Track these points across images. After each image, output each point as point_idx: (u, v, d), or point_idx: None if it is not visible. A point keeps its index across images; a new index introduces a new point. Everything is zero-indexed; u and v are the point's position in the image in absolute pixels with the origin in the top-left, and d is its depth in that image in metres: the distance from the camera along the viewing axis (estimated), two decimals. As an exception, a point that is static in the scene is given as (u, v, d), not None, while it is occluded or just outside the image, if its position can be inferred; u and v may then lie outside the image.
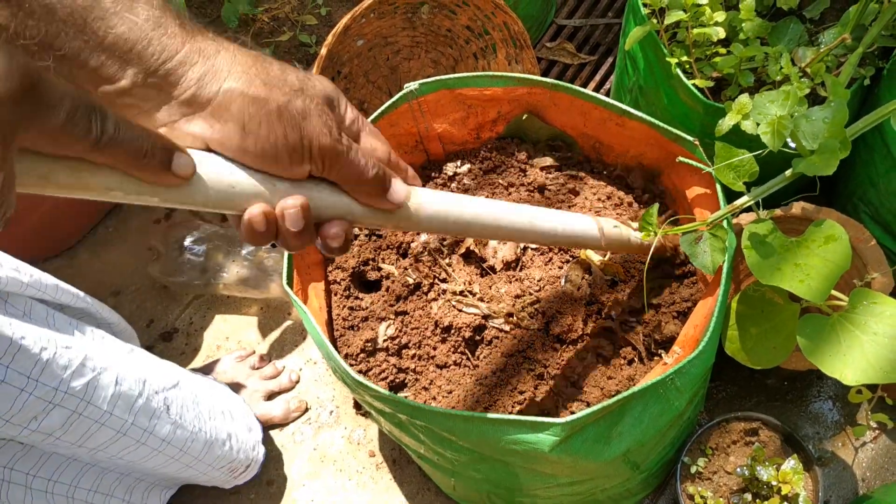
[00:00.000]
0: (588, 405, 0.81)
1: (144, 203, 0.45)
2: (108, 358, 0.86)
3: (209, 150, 0.47)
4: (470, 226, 0.61)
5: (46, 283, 0.89)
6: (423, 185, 0.99)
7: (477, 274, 0.91)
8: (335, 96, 0.52)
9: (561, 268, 0.90)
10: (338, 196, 0.52)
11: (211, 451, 1.02)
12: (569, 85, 0.88)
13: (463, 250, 0.92)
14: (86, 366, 0.82)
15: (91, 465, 0.95)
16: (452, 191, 0.99)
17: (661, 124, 0.83)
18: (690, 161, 0.79)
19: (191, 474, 1.04)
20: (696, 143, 0.81)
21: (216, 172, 0.46)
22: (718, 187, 0.78)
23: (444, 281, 0.91)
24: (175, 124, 0.46)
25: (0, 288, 0.79)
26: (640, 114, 0.84)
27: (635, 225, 0.81)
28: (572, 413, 0.81)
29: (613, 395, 0.81)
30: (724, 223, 0.77)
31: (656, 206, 0.78)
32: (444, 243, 0.93)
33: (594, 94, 0.86)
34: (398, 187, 0.54)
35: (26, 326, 0.76)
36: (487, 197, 0.96)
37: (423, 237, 0.94)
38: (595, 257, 0.84)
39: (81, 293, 0.98)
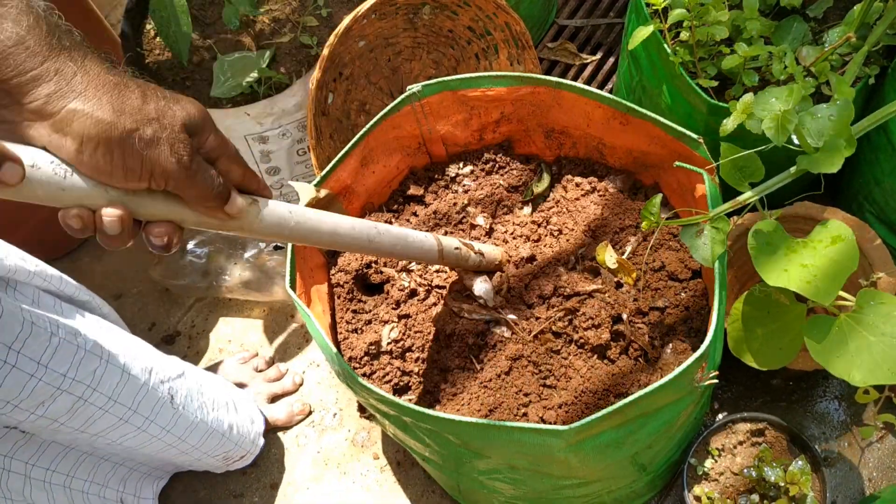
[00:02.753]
0: (595, 408, 0.81)
1: None
2: (115, 346, 0.88)
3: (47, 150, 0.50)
4: (308, 236, 0.66)
5: (51, 273, 0.90)
6: (423, 188, 0.99)
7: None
8: (199, 124, 0.55)
9: (569, 269, 0.89)
10: (171, 204, 0.55)
11: (210, 441, 1.03)
12: (573, 83, 0.87)
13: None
14: (94, 353, 0.83)
15: (87, 455, 0.97)
16: (455, 192, 0.98)
17: (665, 121, 0.82)
18: (686, 166, 0.78)
19: (185, 460, 1.06)
20: (701, 140, 0.81)
21: (48, 176, 0.49)
22: (707, 183, 0.77)
23: (441, 287, 0.90)
24: (19, 124, 0.49)
25: (9, 276, 0.80)
26: (644, 111, 0.84)
27: (479, 247, 0.86)
28: (579, 416, 0.81)
29: (621, 397, 0.81)
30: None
31: (659, 196, 0.78)
32: None
33: (598, 91, 0.86)
34: (236, 199, 0.58)
35: (37, 313, 0.78)
36: (489, 200, 0.96)
37: None
38: (608, 261, 0.83)
39: (83, 287, 0.99)
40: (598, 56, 1.48)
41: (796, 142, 0.75)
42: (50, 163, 0.49)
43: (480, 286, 0.87)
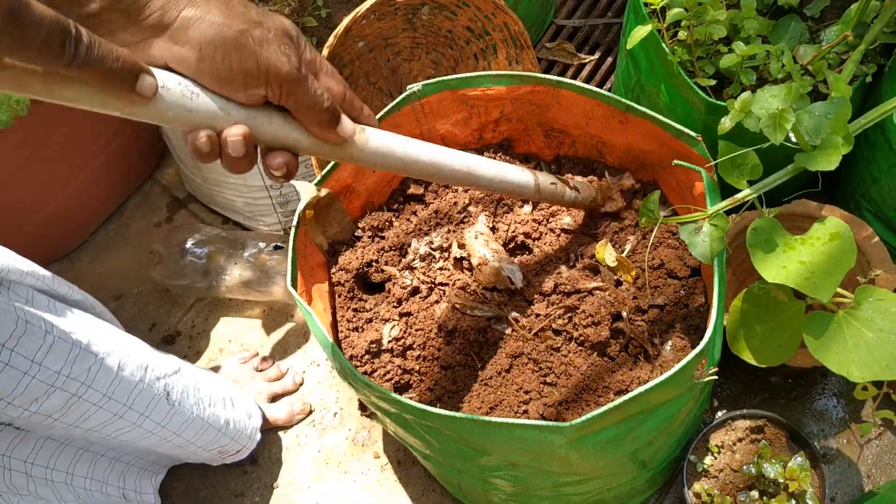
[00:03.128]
0: (595, 405, 0.81)
1: (108, 112, 0.49)
2: (110, 344, 0.88)
3: (170, 69, 0.52)
4: (411, 164, 0.68)
5: (43, 273, 0.91)
6: (423, 187, 0.99)
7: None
8: (296, 34, 0.56)
9: (569, 267, 0.90)
10: (289, 126, 0.57)
11: (206, 436, 1.04)
12: (572, 82, 0.88)
13: (452, 259, 0.93)
14: (88, 351, 0.84)
15: (83, 451, 0.97)
16: (455, 191, 0.98)
17: (664, 119, 0.83)
18: (685, 164, 0.79)
19: (181, 454, 1.06)
20: (699, 138, 0.81)
21: (177, 95, 0.51)
22: (705, 181, 0.78)
23: (442, 285, 0.91)
24: (139, 45, 0.50)
25: (2, 276, 0.81)
26: (643, 109, 0.84)
27: (575, 182, 0.87)
28: (579, 413, 0.81)
29: (621, 394, 0.81)
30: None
31: (657, 193, 0.79)
32: (434, 247, 0.93)
33: (597, 89, 0.86)
34: (347, 123, 0.59)
35: (31, 312, 0.78)
36: (489, 199, 0.96)
37: (414, 244, 0.94)
38: (608, 259, 0.84)
39: (75, 286, 0.99)
40: (596, 56, 1.49)
41: (794, 140, 0.76)
42: (178, 84, 0.50)
43: (510, 268, 0.88)
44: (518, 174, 0.80)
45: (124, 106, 0.49)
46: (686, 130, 0.82)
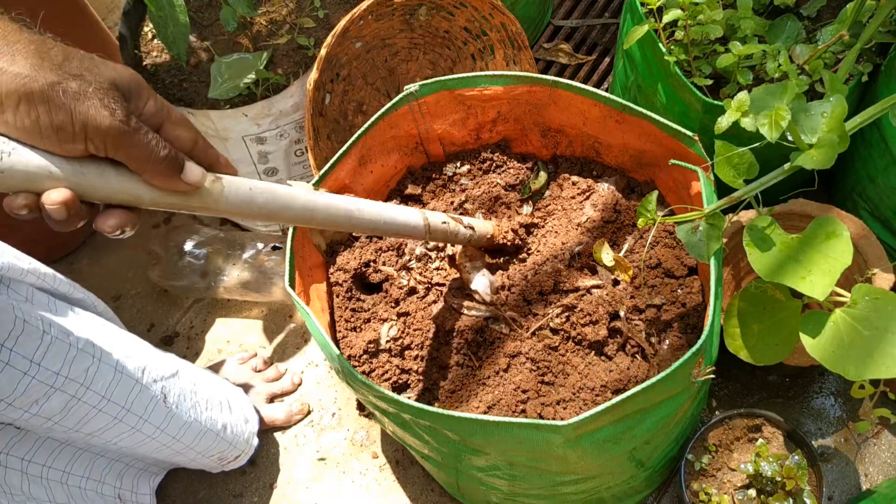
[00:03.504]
0: (593, 404, 0.81)
1: None
2: (108, 344, 0.88)
3: None
4: (279, 212, 0.62)
5: (44, 271, 0.90)
6: (421, 188, 0.99)
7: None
8: (133, 87, 0.52)
9: (566, 267, 0.90)
10: (125, 179, 0.51)
11: (204, 441, 1.03)
12: (569, 82, 0.88)
13: (447, 258, 0.93)
14: (87, 351, 0.84)
15: (83, 451, 0.97)
16: (452, 191, 0.99)
17: (660, 119, 0.83)
18: (682, 163, 0.79)
19: (180, 460, 1.06)
20: (696, 137, 0.81)
21: None
22: (702, 180, 0.78)
23: (440, 284, 0.91)
24: None
25: (2, 274, 0.80)
26: (639, 108, 0.84)
27: (468, 221, 0.84)
28: (577, 412, 0.81)
29: (618, 393, 0.81)
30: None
31: (654, 193, 0.79)
32: (429, 247, 0.94)
33: (594, 89, 0.87)
34: (192, 169, 0.54)
35: (30, 311, 0.78)
36: (486, 198, 0.96)
37: (410, 244, 0.94)
38: (605, 258, 0.84)
39: (77, 284, 0.99)
40: (594, 56, 1.49)
41: (790, 139, 0.76)
42: None
43: (479, 280, 0.87)
44: (405, 215, 0.75)
45: None
46: (683, 130, 0.82)
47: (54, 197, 0.48)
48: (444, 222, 0.81)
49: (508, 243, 0.90)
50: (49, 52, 0.48)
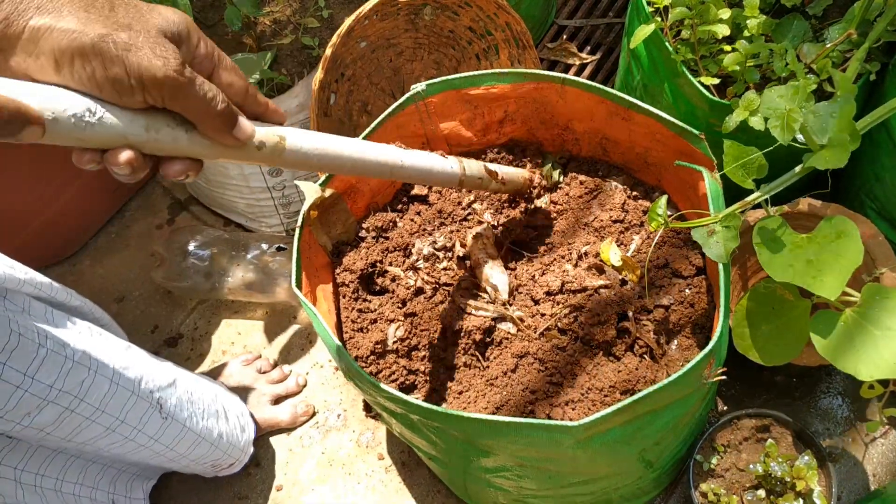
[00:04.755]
0: (602, 404, 0.81)
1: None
2: (104, 355, 0.88)
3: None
4: (329, 162, 0.64)
5: (41, 280, 0.89)
6: (427, 188, 0.99)
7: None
8: (182, 31, 0.51)
9: (574, 267, 0.90)
10: (181, 131, 0.52)
11: (198, 450, 1.03)
12: (577, 79, 0.88)
13: (455, 258, 0.92)
14: (83, 363, 0.83)
15: (75, 458, 0.96)
16: (460, 191, 0.98)
17: (667, 117, 0.83)
18: (687, 164, 0.79)
19: (174, 466, 1.06)
20: (702, 136, 0.81)
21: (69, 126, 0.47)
22: (708, 180, 0.78)
23: (447, 285, 0.90)
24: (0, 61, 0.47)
25: None
26: (646, 106, 0.84)
27: (502, 173, 0.87)
28: (586, 413, 0.81)
29: (627, 394, 0.81)
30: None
31: (664, 197, 0.78)
32: (437, 247, 0.93)
33: (602, 86, 0.86)
34: (244, 125, 0.54)
35: (26, 323, 0.77)
36: (494, 198, 0.96)
37: (417, 245, 0.94)
38: (613, 258, 0.84)
39: (74, 292, 0.98)
40: (598, 56, 1.49)
41: (800, 139, 0.76)
42: (65, 100, 0.46)
43: (499, 277, 0.87)
44: (445, 170, 0.80)
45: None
46: (689, 128, 0.82)
47: (117, 158, 0.48)
48: (480, 178, 0.84)
49: (538, 189, 0.93)
50: (95, 4, 0.47)
